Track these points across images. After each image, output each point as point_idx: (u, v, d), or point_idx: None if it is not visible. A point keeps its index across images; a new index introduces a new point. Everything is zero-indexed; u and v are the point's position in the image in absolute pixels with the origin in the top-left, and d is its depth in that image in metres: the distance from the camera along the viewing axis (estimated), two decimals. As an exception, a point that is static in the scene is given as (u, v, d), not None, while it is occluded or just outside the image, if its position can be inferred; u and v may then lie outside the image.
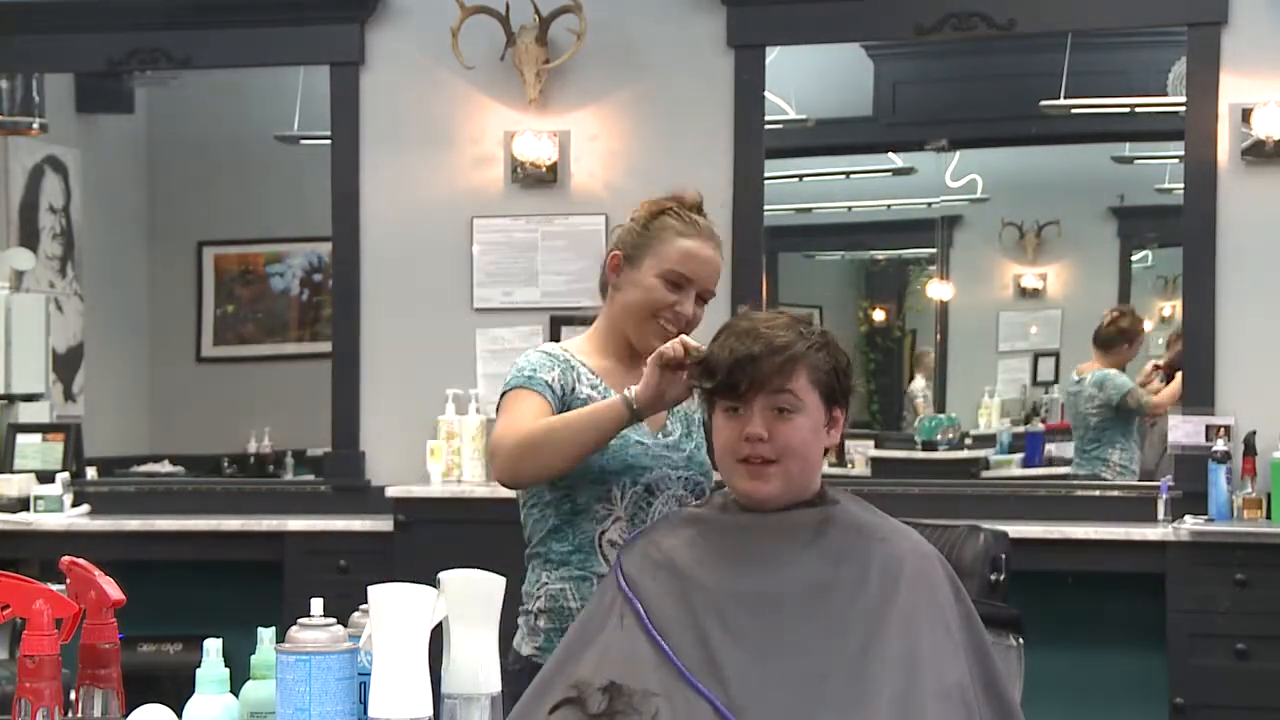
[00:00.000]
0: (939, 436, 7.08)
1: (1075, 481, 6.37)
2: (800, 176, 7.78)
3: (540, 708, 2.31)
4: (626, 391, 2.61)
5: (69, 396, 6.97)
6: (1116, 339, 6.57)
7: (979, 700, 2.29)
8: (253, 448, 7.35)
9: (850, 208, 7.92)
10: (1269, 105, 5.38)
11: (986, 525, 3.04)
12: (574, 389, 2.78)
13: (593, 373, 2.83)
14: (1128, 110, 6.98)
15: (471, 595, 2.14)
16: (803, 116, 6.89)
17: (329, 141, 6.12)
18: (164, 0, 6.13)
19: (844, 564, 2.35)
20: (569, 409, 2.73)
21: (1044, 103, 6.76)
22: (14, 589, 2.15)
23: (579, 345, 2.89)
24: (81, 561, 2.21)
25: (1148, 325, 6.95)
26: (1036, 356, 7.77)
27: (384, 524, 5.53)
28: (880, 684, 2.21)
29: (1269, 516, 5.20)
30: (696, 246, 2.82)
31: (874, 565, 2.34)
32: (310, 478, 6.67)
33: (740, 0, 5.76)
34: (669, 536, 2.46)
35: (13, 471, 6.03)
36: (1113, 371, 6.52)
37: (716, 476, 2.64)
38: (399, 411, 5.96)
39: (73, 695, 2.16)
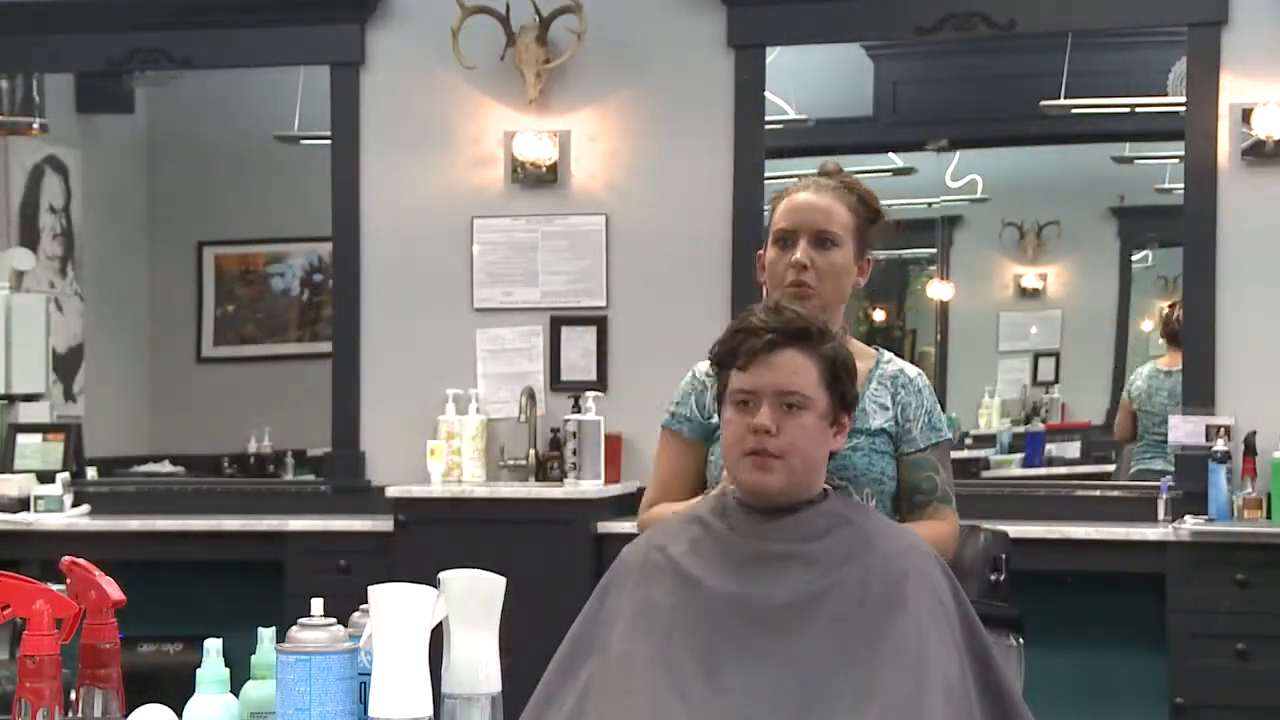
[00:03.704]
0: (939, 436, 7.06)
1: (1075, 481, 6.35)
2: (800, 177, 7.76)
3: (547, 714, 2.31)
4: (729, 486, 2.53)
5: (69, 396, 6.96)
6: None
7: (977, 701, 2.29)
8: (253, 448, 7.33)
9: (850, 208, 7.88)
10: (1269, 105, 5.37)
11: (986, 525, 3.05)
12: (710, 409, 2.72)
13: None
14: (1128, 110, 6.97)
15: (471, 595, 2.14)
16: (803, 116, 6.87)
17: (329, 141, 6.12)
18: (164, 0, 6.13)
19: (847, 565, 2.35)
20: (713, 429, 2.69)
21: (1044, 103, 6.75)
22: (14, 589, 2.15)
23: None
24: (82, 561, 2.21)
25: (1147, 325, 6.94)
26: (1037, 356, 7.76)
27: (384, 524, 5.53)
28: (889, 685, 2.21)
29: (1269, 516, 5.19)
30: (791, 198, 2.79)
31: (876, 566, 2.34)
32: (310, 478, 6.66)
33: (740, 0, 5.76)
34: (672, 541, 2.45)
35: (13, 471, 6.02)
36: None
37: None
38: (399, 411, 5.95)
39: (73, 695, 2.16)
